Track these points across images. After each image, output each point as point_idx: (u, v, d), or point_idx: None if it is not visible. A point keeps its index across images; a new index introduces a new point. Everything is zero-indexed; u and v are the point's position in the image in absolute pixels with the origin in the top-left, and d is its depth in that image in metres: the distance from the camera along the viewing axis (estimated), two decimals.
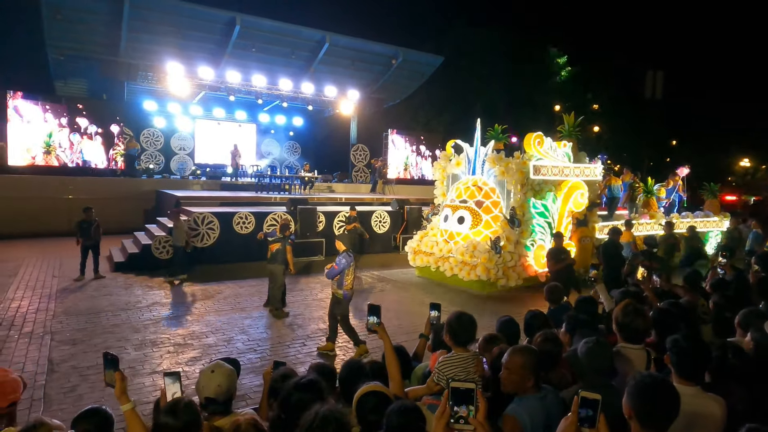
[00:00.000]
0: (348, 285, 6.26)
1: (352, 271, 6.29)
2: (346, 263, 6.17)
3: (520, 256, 9.87)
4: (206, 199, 13.76)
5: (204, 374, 2.42)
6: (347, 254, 6.25)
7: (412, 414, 1.92)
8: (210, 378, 2.39)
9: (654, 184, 14.59)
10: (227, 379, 2.40)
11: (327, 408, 1.84)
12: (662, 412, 1.81)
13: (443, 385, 2.73)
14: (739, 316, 3.34)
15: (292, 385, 2.25)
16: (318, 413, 1.80)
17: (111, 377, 2.23)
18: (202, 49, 18.73)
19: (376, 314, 2.87)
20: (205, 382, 2.38)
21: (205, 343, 6.58)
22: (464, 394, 1.58)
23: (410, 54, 22.06)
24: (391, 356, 2.66)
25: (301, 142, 25.18)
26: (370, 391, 2.20)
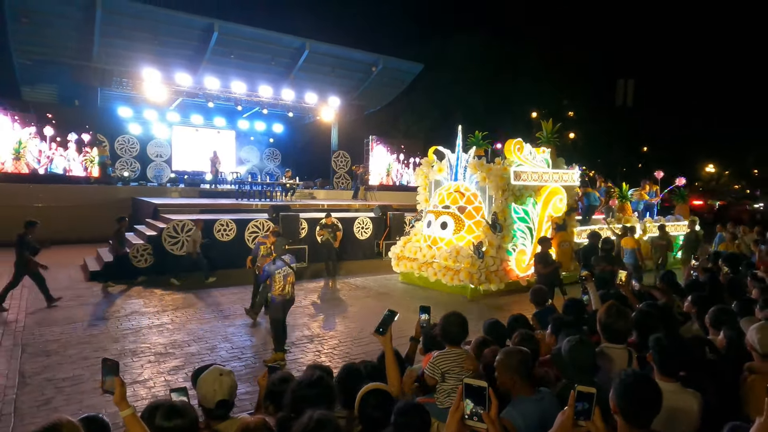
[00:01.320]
0: (276, 290, 6.32)
1: (281, 278, 6.32)
2: (270, 270, 6.31)
3: (502, 260, 10.01)
4: (185, 207, 13.56)
5: (210, 379, 2.43)
6: (274, 261, 6.39)
7: (417, 412, 1.96)
8: (221, 381, 2.41)
9: (628, 190, 14.99)
10: (234, 380, 2.45)
11: (321, 412, 1.86)
12: (646, 409, 1.89)
13: (437, 378, 2.80)
14: (709, 315, 3.48)
15: (303, 384, 2.26)
16: (312, 417, 1.82)
17: (110, 384, 2.20)
18: (180, 56, 18.55)
19: (390, 319, 2.87)
20: (218, 386, 2.39)
21: (188, 352, 6.48)
22: (477, 391, 1.61)
23: (390, 61, 22.25)
24: (392, 367, 2.70)
25: (281, 148, 25.08)
26: (372, 389, 2.24)
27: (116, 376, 2.20)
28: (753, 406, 2.45)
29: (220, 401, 2.37)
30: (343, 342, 7.07)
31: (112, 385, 2.19)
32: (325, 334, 7.46)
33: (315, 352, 6.67)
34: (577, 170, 11.83)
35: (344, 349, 6.76)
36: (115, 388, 2.17)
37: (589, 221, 13.05)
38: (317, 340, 7.17)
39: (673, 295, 4.88)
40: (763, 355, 2.72)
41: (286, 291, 6.42)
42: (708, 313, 3.48)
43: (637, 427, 1.89)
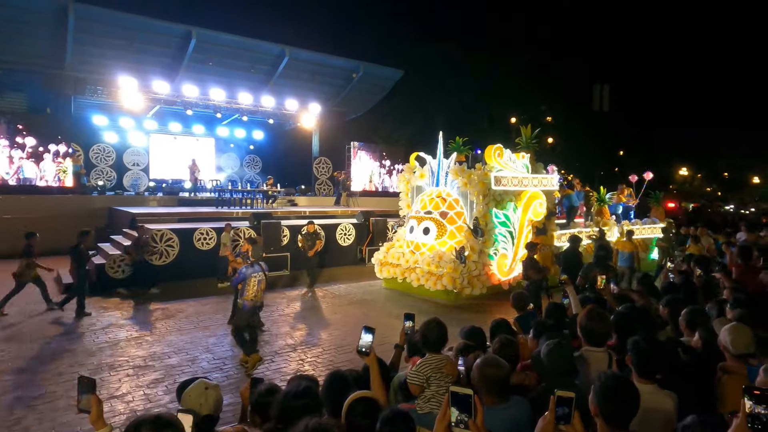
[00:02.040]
0: (248, 296, 6.28)
1: (255, 283, 6.29)
2: (246, 273, 6.27)
3: (484, 265, 10.10)
4: (164, 216, 13.36)
5: (196, 393, 2.39)
6: (251, 265, 6.36)
7: (403, 420, 1.96)
8: (207, 395, 2.37)
9: (606, 193, 15.29)
10: (220, 393, 2.41)
11: (317, 420, 1.85)
12: (624, 411, 1.95)
13: (423, 385, 2.84)
14: (683, 317, 3.57)
15: (290, 395, 2.24)
16: (308, 426, 1.81)
17: (87, 402, 2.14)
18: (157, 63, 18.30)
19: (370, 337, 2.77)
20: (204, 400, 2.35)
21: (168, 364, 6.36)
22: (463, 399, 1.63)
23: (370, 68, 22.34)
24: (378, 384, 2.69)
25: (262, 155, 24.91)
26: (360, 397, 2.24)
27: (93, 394, 2.15)
28: (727, 405, 2.52)
29: (206, 416, 2.32)
30: (326, 350, 7.02)
31: (88, 403, 2.13)
32: (309, 342, 7.41)
33: (298, 361, 6.61)
34: (556, 174, 12.02)
35: (328, 358, 6.71)
36: (91, 407, 2.12)
37: (570, 225, 13.26)
38: (300, 348, 7.11)
39: (651, 298, 4.98)
40: (735, 355, 2.80)
41: (258, 297, 6.38)
42: (681, 315, 3.56)
43: (616, 428, 1.93)
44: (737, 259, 6.38)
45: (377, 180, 24.79)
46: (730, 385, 2.63)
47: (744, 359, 2.80)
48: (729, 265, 6.48)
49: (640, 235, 14.35)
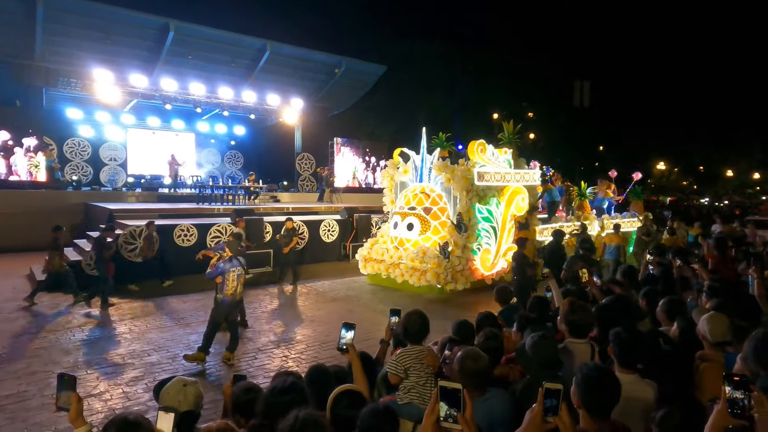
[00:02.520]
0: (228, 290, 6.19)
1: (235, 278, 6.21)
2: (224, 268, 6.17)
3: (468, 260, 10.15)
4: (143, 212, 13.09)
5: (174, 390, 2.34)
6: (230, 260, 6.27)
7: (384, 415, 1.95)
8: (186, 392, 2.32)
9: (586, 188, 15.50)
10: (199, 390, 2.36)
11: (306, 412, 1.82)
12: (605, 401, 1.98)
13: (401, 375, 2.84)
14: (660, 307, 3.64)
15: (276, 391, 2.21)
16: (299, 417, 1.78)
17: (66, 400, 2.07)
18: (134, 56, 17.88)
19: (350, 333, 2.79)
20: (182, 397, 2.30)
21: (148, 362, 6.24)
22: (451, 393, 1.62)
23: (353, 63, 22.21)
24: (361, 378, 2.68)
25: (243, 151, 24.60)
26: (345, 390, 2.22)
27: (73, 392, 2.08)
28: (705, 392, 2.57)
29: (185, 412, 2.27)
30: (310, 346, 6.98)
31: (67, 401, 2.06)
32: (292, 338, 7.35)
33: (282, 358, 6.56)
34: (538, 169, 12.11)
35: (312, 354, 6.67)
36: (70, 404, 2.05)
37: (551, 219, 13.42)
38: (284, 345, 7.05)
39: (632, 290, 5.05)
40: (713, 343, 2.86)
41: (237, 292, 6.28)
42: (659, 306, 3.63)
43: (598, 417, 1.95)
44: (713, 251, 6.53)
45: (361, 176, 24.74)
46: (708, 372, 2.68)
47: (721, 347, 2.86)
48: (705, 256, 6.62)
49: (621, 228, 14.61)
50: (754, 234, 12.68)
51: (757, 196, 48.13)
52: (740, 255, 6.87)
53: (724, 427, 1.78)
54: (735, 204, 40.34)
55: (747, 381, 1.79)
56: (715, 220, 14.19)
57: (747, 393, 1.75)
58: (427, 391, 2.84)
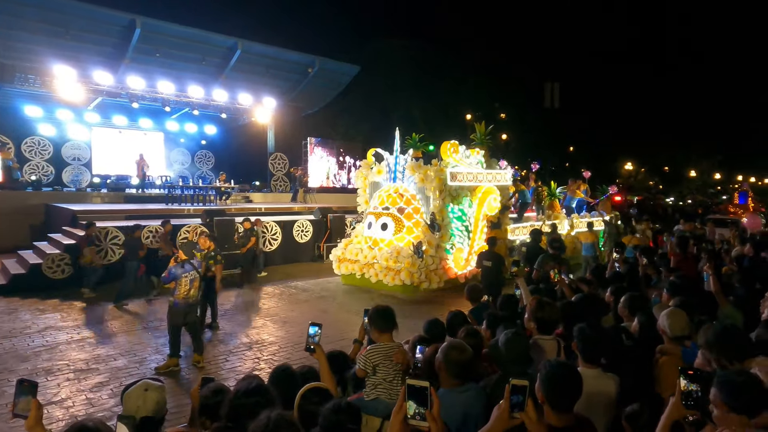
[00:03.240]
0: (180, 294, 6.07)
1: (187, 282, 6.10)
2: (176, 272, 6.07)
3: (441, 259, 10.23)
4: (109, 213, 12.72)
5: (135, 395, 2.28)
6: (182, 264, 6.17)
7: (345, 412, 1.95)
8: (146, 396, 2.26)
9: (556, 188, 15.84)
10: (162, 395, 2.29)
11: (278, 412, 1.80)
12: (567, 396, 2.04)
13: (368, 371, 2.86)
14: (622, 303, 3.75)
15: (241, 393, 2.17)
16: (271, 418, 1.76)
17: (24, 406, 1.98)
18: (98, 52, 17.27)
19: (317, 332, 2.78)
20: (141, 403, 2.24)
21: (114, 367, 6.07)
22: (419, 391, 1.63)
23: (327, 63, 22.08)
24: (328, 378, 2.68)
25: (214, 151, 24.11)
26: (313, 387, 2.21)
27: (33, 398, 1.99)
28: (664, 385, 2.67)
29: (144, 419, 2.21)
30: (283, 348, 6.91)
31: (26, 407, 1.97)
32: (265, 340, 7.26)
33: (254, 360, 6.48)
34: (510, 169, 12.28)
35: (285, 355, 6.61)
36: (29, 411, 1.96)
37: (521, 219, 13.65)
38: (256, 346, 6.96)
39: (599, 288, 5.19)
40: (672, 338, 2.97)
41: (191, 295, 6.16)
42: (621, 301, 3.74)
43: (561, 412, 2.00)
44: (675, 248, 6.76)
45: (335, 176, 24.66)
46: (668, 366, 2.78)
47: (680, 341, 2.97)
48: (669, 254, 6.85)
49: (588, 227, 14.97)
50: (713, 232, 13.20)
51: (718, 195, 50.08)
52: (701, 253, 7.14)
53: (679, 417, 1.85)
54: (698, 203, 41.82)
55: (701, 374, 1.87)
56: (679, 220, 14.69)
57: (700, 386, 1.83)
58: (395, 387, 2.86)
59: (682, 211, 30.91)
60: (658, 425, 1.88)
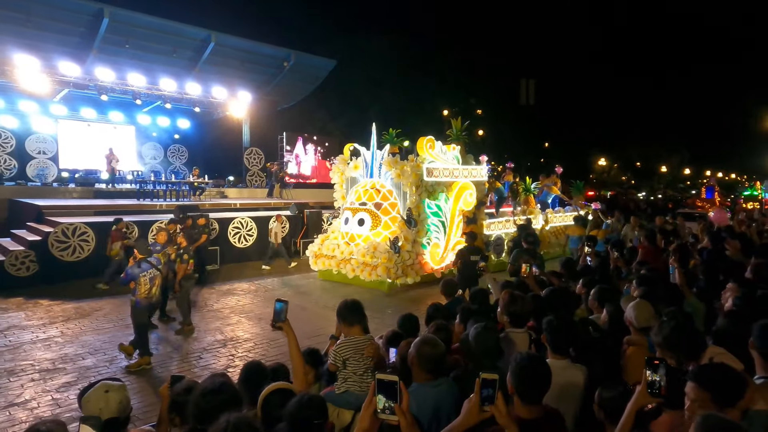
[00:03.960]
0: (141, 293, 6.01)
1: (146, 281, 6.03)
2: (134, 273, 5.99)
3: (418, 254, 10.27)
4: (77, 208, 12.35)
5: (95, 397, 2.22)
6: (139, 263, 6.08)
7: (312, 405, 1.94)
8: (108, 398, 2.21)
9: (531, 183, 16.05)
10: (125, 394, 2.23)
11: (237, 415, 1.77)
12: (536, 388, 2.07)
13: (338, 365, 2.86)
14: (592, 295, 3.82)
15: (206, 393, 2.12)
16: (230, 421, 1.73)
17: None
18: (63, 42, 16.70)
19: (283, 309, 2.75)
20: (104, 404, 2.19)
21: (82, 366, 5.90)
22: (389, 385, 1.63)
23: (303, 57, 21.85)
24: (296, 353, 2.65)
25: (188, 145, 23.63)
26: (276, 389, 2.18)
27: None
28: (631, 374, 2.73)
29: (109, 420, 2.15)
30: (258, 344, 6.83)
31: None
32: (240, 337, 7.17)
33: (228, 357, 6.39)
34: (485, 165, 12.36)
35: (260, 352, 6.53)
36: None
37: (498, 214, 13.80)
38: (231, 344, 6.86)
39: (570, 281, 5.28)
40: (639, 328, 3.04)
41: (153, 293, 6.08)
42: (591, 294, 3.82)
43: (530, 403, 2.03)
44: (644, 242, 6.93)
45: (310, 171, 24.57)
46: (634, 356, 2.85)
47: (646, 332, 3.04)
48: (639, 246, 7.02)
49: (562, 222, 15.26)
50: (683, 226, 13.57)
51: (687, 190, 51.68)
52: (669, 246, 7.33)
53: (644, 405, 1.91)
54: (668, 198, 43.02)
55: (665, 364, 1.92)
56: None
57: (663, 375, 1.88)
58: (365, 381, 2.87)
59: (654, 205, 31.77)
60: (625, 412, 1.93)
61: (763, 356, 2.34)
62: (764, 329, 2.34)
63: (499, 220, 12.84)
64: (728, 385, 1.86)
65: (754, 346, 2.37)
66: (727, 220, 15.44)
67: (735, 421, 1.62)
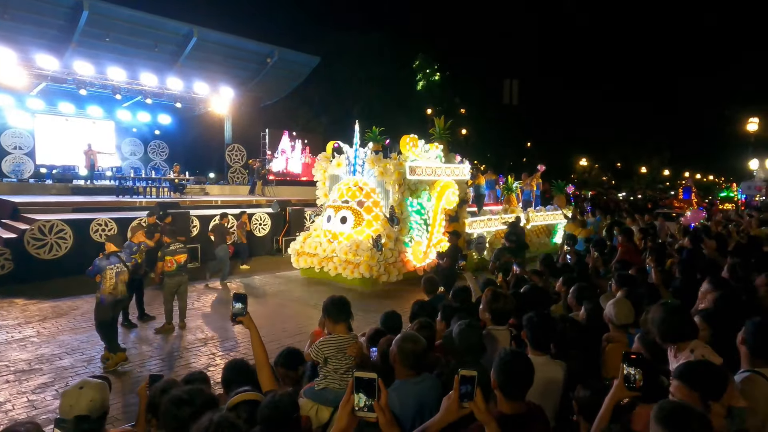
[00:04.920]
0: (105, 289, 5.85)
1: (113, 275, 5.89)
2: (100, 265, 5.86)
3: (400, 252, 10.30)
4: (54, 205, 12.09)
5: (69, 393, 2.19)
6: (107, 257, 5.96)
7: (283, 404, 1.95)
8: (80, 394, 2.17)
9: (513, 182, 16.22)
10: (100, 393, 2.20)
11: (220, 415, 1.75)
12: (521, 383, 2.09)
13: (320, 362, 2.84)
14: (571, 293, 3.88)
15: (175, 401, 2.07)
16: (213, 420, 1.71)
17: None
18: (41, 34, 16.28)
19: (242, 303, 2.62)
20: (75, 400, 2.15)
21: (59, 366, 5.78)
22: (367, 383, 1.62)
23: (286, 53, 21.68)
24: (258, 346, 2.62)
25: (169, 141, 23.23)
26: (243, 400, 2.16)
27: None
28: (610, 370, 2.79)
29: (77, 417, 2.13)
30: (240, 343, 6.78)
31: None
32: (221, 335, 7.10)
33: (209, 356, 6.32)
34: (467, 164, 12.43)
35: (242, 350, 6.48)
36: None
37: (480, 212, 13.91)
38: (212, 342, 6.80)
39: (550, 278, 5.35)
40: (618, 325, 3.11)
41: (119, 290, 5.93)
42: (570, 292, 3.88)
43: (513, 399, 2.06)
44: (623, 241, 7.07)
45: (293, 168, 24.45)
46: (614, 352, 2.90)
47: (625, 329, 3.11)
48: (618, 245, 7.16)
49: (544, 221, 15.46)
50: (663, 226, 13.84)
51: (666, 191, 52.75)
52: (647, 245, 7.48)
53: (621, 399, 1.95)
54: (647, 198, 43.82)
55: (642, 359, 1.97)
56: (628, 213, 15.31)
57: (640, 369, 1.92)
58: (345, 379, 2.87)
59: (634, 205, 32.40)
60: (602, 406, 1.97)
61: (752, 352, 2.39)
62: (757, 326, 2.39)
63: (482, 219, 12.95)
64: (712, 382, 1.91)
65: (745, 341, 2.41)
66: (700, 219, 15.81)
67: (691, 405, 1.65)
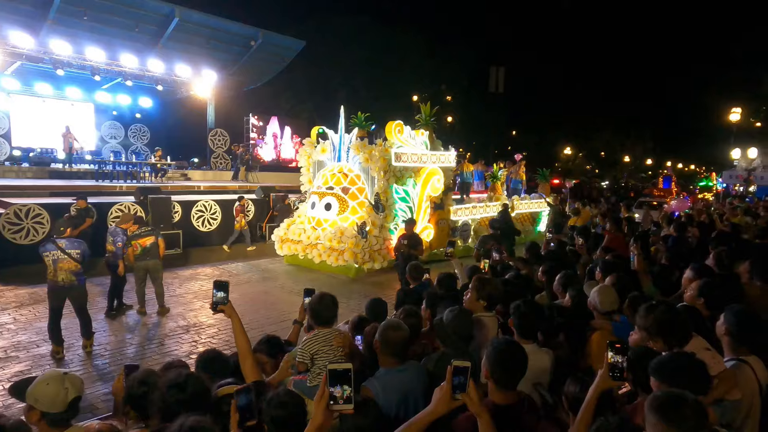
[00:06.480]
0: (48, 275, 5.66)
1: (50, 263, 5.63)
2: (40, 249, 5.68)
3: (385, 239, 10.27)
4: (31, 189, 11.77)
5: (53, 378, 2.12)
6: (44, 241, 5.77)
7: (292, 404, 1.93)
8: (71, 379, 2.13)
9: (498, 170, 16.28)
10: (58, 388, 2.09)
11: (193, 418, 1.69)
12: (513, 373, 2.06)
13: (307, 363, 2.76)
14: (557, 281, 3.89)
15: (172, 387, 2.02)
16: (183, 425, 1.65)
17: None
18: (13, 10, 15.60)
19: (223, 291, 2.53)
20: (69, 384, 2.10)
21: (36, 354, 5.66)
22: (341, 375, 1.59)
23: (270, 36, 21.23)
24: (241, 335, 2.54)
25: (150, 125, 22.73)
26: (227, 393, 2.11)
27: None
28: (595, 358, 2.80)
29: (74, 399, 2.09)
30: (222, 330, 6.71)
31: None
32: (203, 323, 7.02)
33: (191, 343, 6.25)
34: (453, 151, 12.39)
35: (224, 338, 6.42)
36: None
37: (464, 200, 13.94)
38: (194, 330, 6.72)
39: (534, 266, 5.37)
40: (603, 313, 3.12)
41: (60, 278, 5.65)
42: (556, 280, 3.89)
43: (505, 389, 2.04)
44: (611, 228, 7.13)
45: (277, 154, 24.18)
46: (598, 340, 2.92)
47: (609, 316, 3.13)
48: (604, 232, 7.22)
49: (529, 209, 15.56)
50: (648, 215, 14.06)
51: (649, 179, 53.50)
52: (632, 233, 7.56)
53: (606, 388, 1.94)
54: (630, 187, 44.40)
55: (626, 348, 1.97)
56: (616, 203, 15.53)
57: (625, 358, 1.92)
58: None
59: (617, 193, 32.88)
60: (587, 395, 1.95)
61: (734, 339, 2.39)
62: (739, 315, 2.40)
63: (467, 206, 12.98)
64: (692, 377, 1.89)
65: (728, 331, 2.41)
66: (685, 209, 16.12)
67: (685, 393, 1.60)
